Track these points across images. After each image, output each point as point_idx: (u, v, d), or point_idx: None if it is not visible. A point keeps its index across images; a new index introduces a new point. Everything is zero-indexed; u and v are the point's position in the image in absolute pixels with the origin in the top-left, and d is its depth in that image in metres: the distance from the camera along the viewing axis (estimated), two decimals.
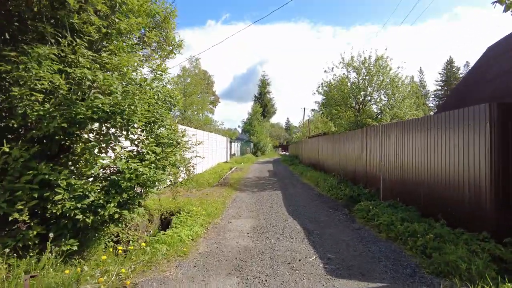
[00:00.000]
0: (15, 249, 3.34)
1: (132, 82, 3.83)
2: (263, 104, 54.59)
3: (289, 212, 6.86)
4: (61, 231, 3.59)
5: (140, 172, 3.85)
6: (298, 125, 59.12)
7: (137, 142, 4.21)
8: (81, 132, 3.90)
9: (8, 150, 3.21)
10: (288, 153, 45.56)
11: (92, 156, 3.74)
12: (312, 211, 7.01)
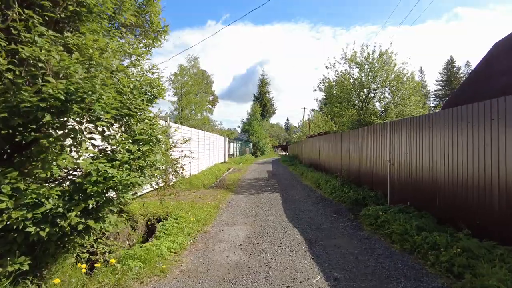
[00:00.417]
0: None
1: (99, 67, 3.18)
2: (262, 103, 53.95)
3: (289, 218, 6.20)
4: (9, 246, 2.94)
5: (110, 175, 3.20)
6: (298, 125, 58.49)
7: (109, 139, 3.56)
8: (40, 126, 3.25)
9: None
10: (287, 153, 44.93)
11: (51, 155, 3.09)
12: (313, 217, 6.36)
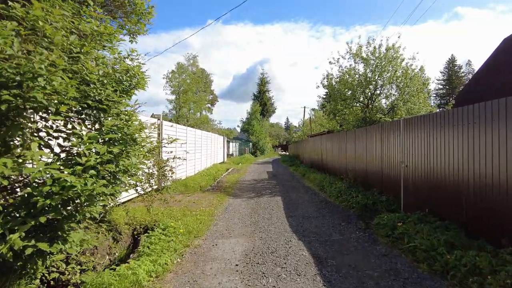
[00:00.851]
0: None
1: (52, 46, 2.47)
2: (262, 102, 53.24)
3: (292, 227, 5.50)
4: None
5: (69, 183, 2.50)
6: (298, 124, 57.79)
7: (70, 137, 2.85)
8: None
9: None
10: (288, 153, 44.24)
11: None
12: (320, 226, 5.66)
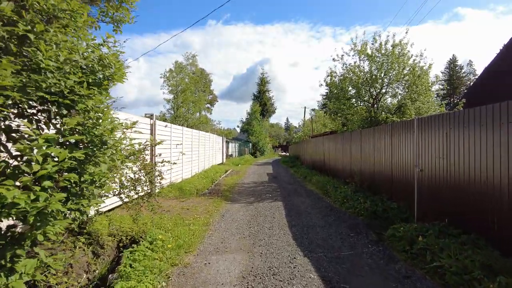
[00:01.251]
0: None
1: None
2: (262, 102, 52.64)
3: (296, 239, 4.91)
4: None
5: (9, 200, 1.91)
6: (298, 125, 57.16)
7: (20, 139, 2.25)
8: None
9: None
10: (288, 154, 43.65)
11: None
12: (327, 237, 5.07)
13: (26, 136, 2.29)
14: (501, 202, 3.75)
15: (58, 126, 2.54)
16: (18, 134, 2.34)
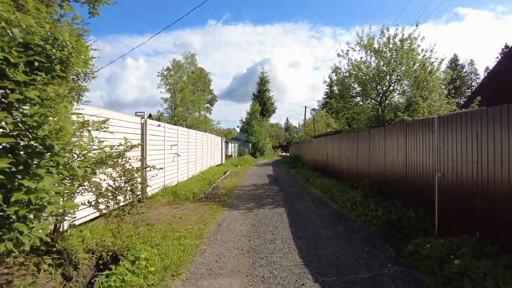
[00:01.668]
0: None
1: None
2: (262, 102, 51.98)
3: (304, 257, 4.23)
4: None
5: None
6: (298, 125, 56.42)
7: None
8: None
9: None
10: (288, 154, 42.99)
11: None
12: (338, 253, 4.39)
13: None
14: None
15: None
16: None
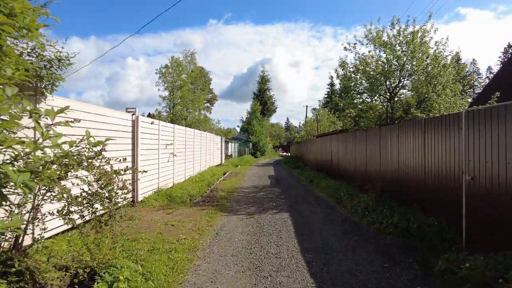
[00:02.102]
0: None
1: None
2: (262, 101, 51.28)
3: (315, 275, 3.57)
4: None
5: None
6: (299, 125, 55.68)
7: None
8: None
9: None
10: (289, 154, 42.34)
11: None
12: (354, 269, 3.74)
13: None
14: None
15: None
16: None
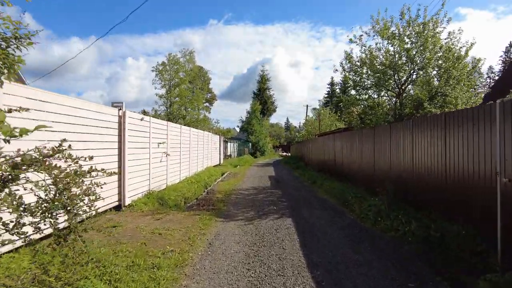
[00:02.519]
0: None
1: None
2: (262, 101, 50.59)
3: None
4: None
5: None
6: (299, 125, 54.92)
7: None
8: None
9: None
10: (289, 154, 41.66)
11: None
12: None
13: None
14: None
15: None
16: None
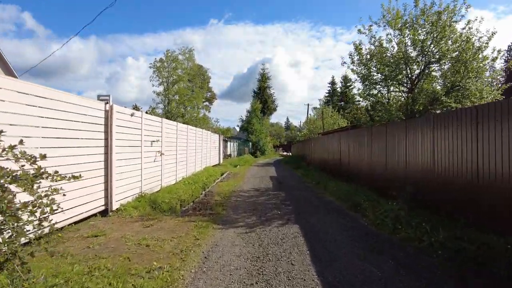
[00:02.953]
0: None
1: None
2: (263, 100, 49.85)
3: None
4: None
5: None
6: (300, 124, 54.19)
7: None
8: None
9: None
10: (290, 154, 40.99)
11: None
12: None
13: None
14: None
15: None
16: None
